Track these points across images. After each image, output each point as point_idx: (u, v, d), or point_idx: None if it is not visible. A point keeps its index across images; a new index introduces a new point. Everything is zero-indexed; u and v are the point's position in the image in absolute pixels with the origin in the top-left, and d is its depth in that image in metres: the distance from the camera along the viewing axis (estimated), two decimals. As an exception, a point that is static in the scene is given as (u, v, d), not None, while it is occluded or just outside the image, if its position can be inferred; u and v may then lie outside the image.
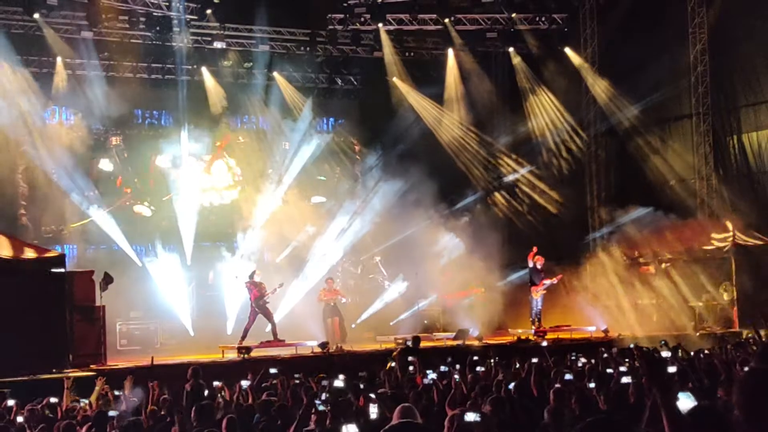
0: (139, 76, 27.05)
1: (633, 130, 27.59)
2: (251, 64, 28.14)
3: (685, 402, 7.92)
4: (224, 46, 27.02)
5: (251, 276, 22.33)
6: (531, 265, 24.32)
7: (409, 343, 19.76)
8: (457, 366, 15.01)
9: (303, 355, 20.67)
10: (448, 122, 28.90)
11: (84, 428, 10.04)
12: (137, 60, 26.69)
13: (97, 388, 13.06)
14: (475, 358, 15.61)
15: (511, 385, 11.23)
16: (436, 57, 29.33)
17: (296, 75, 28.99)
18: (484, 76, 29.30)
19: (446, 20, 27.69)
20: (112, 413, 10.72)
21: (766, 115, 26.01)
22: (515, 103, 29.45)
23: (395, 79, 28.71)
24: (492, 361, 15.62)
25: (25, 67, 25.07)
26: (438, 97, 28.91)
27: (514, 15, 27.85)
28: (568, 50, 28.72)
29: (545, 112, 28.96)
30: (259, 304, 21.94)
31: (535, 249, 24.34)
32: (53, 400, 12.29)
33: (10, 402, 12.25)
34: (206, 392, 13.14)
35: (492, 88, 29.32)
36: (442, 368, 14.44)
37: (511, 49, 28.91)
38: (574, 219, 28.10)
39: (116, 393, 13.06)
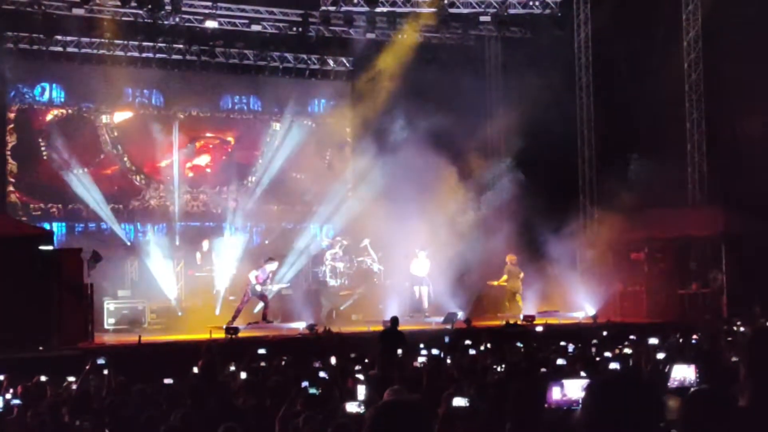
0: (130, 55, 26.85)
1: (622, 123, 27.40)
2: (242, 43, 27.96)
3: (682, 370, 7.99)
4: (216, 26, 26.82)
5: (266, 262, 22.40)
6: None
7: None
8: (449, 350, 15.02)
9: (291, 336, 20.67)
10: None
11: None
12: (128, 38, 26.47)
13: None
14: (467, 342, 15.61)
15: (501, 368, 11.25)
16: (428, 40, 29.05)
17: (288, 56, 28.85)
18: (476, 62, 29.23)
19: (440, 2, 27.46)
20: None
21: (760, 112, 25.85)
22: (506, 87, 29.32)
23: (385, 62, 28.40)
24: (482, 346, 15.61)
25: (15, 44, 24.97)
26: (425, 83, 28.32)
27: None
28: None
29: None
30: (259, 290, 21.98)
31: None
32: (43, 378, 12.20)
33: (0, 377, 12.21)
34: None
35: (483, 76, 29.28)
36: (434, 351, 14.45)
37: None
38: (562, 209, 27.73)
39: None
